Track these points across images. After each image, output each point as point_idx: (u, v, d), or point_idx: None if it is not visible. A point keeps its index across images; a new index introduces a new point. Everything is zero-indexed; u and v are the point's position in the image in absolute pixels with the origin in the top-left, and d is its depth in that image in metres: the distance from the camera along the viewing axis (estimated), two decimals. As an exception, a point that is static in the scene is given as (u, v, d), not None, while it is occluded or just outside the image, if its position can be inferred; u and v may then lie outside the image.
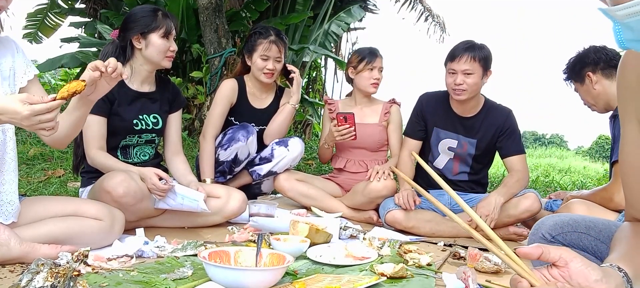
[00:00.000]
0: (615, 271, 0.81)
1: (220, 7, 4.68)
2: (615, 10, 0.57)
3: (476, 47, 2.44)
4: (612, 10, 0.58)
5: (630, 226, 0.96)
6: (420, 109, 2.69)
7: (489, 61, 2.47)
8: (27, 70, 1.63)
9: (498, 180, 5.42)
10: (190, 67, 5.18)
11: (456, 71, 2.43)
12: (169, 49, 2.16)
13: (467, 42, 2.47)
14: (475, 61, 2.41)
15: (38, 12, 7.04)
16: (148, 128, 2.23)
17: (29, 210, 1.67)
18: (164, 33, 2.13)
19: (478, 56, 2.41)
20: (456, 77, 2.43)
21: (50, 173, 3.38)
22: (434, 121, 2.64)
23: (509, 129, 2.55)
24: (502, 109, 2.60)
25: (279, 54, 2.69)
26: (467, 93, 2.45)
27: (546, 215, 1.44)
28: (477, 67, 2.42)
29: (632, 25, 0.57)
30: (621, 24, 0.58)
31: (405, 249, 1.84)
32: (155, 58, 2.15)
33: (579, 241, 1.18)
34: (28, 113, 1.32)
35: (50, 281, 1.16)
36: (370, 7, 7.17)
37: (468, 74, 2.41)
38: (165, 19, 2.15)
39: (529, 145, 24.67)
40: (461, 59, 2.42)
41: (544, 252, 0.78)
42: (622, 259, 0.85)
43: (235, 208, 2.27)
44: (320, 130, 5.68)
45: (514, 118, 2.59)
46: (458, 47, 2.47)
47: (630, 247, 0.89)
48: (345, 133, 2.66)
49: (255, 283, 1.31)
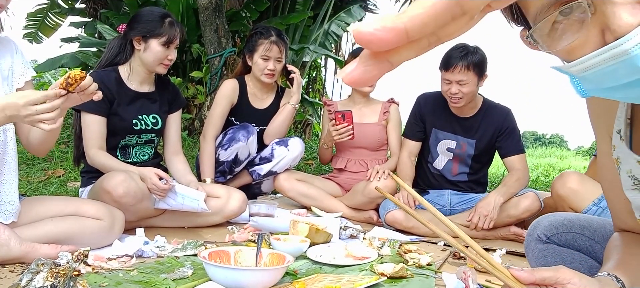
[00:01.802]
0: (612, 280, 0.82)
1: (220, 7, 4.68)
2: (569, 67, 0.58)
3: (469, 54, 2.41)
4: (567, 67, 0.59)
5: (620, 236, 0.97)
6: (419, 110, 2.69)
7: (483, 66, 2.44)
8: (25, 71, 1.64)
9: (498, 180, 5.42)
10: (190, 67, 5.18)
11: (451, 81, 2.42)
12: (166, 57, 2.14)
13: (461, 50, 2.43)
14: (469, 70, 2.39)
15: (38, 12, 7.04)
16: (147, 128, 2.22)
17: (29, 210, 1.67)
18: (165, 41, 2.12)
19: (472, 64, 2.38)
20: (451, 87, 2.42)
21: (50, 173, 3.38)
22: (433, 122, 2.63)
23: (508, 129, 2.54)
24: (501, 109, 2.60)
25: (279, 54, 2.69)
26: (464, 100, 2.45)
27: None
28: (471, 76, 2.40)
29: (590, 77, 0.57)
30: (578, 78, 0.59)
31: (405, 249, 1.84)
32: (151, 63, 2.15)
33: (574, 241, 1.19)
34: (24, 102, 1.31)
35: (50, 281, 1.16)
36: (370, 7, 7.16)
37: (463, 83, 2.40)
38: (171, 27, 2.13)
39: (529, 145, 24.66)
40: (455, 69, 2.40)
41: (537, 278, 0.78)
42: (618, 268, 0.85)
43: (235, 208, 2.28)
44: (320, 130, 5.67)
45: (513, 117, 2.59)
46: (452, 55, 2.43)
47: (623, 255, 0.90)
48: (343, 132, 2.66)
49: (255, 283, 1.31)
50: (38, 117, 1.33)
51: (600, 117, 0.90)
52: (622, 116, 0.83)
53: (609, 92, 0.58)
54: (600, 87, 0.58)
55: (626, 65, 0.52)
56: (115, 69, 2.19)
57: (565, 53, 0.59)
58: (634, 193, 0.84)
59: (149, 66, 2.16)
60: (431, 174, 2.69)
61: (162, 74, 2.23)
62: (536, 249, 1.24)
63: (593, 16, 0.55)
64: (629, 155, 0.82)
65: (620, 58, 0.52)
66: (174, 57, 2.19)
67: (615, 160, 0.86)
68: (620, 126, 0.84)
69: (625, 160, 0.83)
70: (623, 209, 0.90)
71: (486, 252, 0.82)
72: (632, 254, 0.89)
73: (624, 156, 0.84)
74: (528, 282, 0.78)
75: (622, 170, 0.85)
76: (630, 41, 0.51)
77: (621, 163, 0.85)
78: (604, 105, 0.88)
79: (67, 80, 1.35)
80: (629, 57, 0.52)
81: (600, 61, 0.54)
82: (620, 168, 0.85)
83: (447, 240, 0.90)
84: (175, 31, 2.14)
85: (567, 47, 0.58)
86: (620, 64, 0.53)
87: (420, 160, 2.74)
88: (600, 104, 0.90)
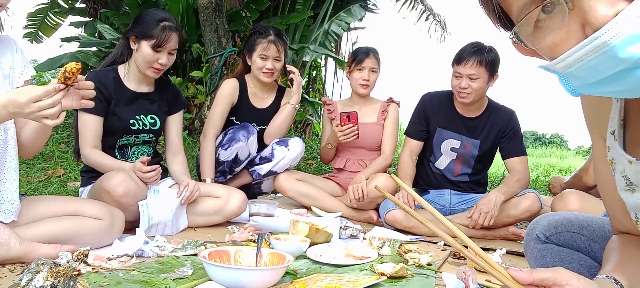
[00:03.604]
0: (611, 282, 0.82)
1: (220, 7, 4.68)
2: (554, 64, 0.59)
3: (483, 51, 2.43)
4: (552, 64, 0.59)
5: (618, 238, 0.97)
6: (423, 108, 2.68)
7: (495, 65, 2.46)
8: (25, 70, 1.65)
9: (498, 180, 5.42)
10: (190, 67, 5.18)
11: (462, 74, 2.43)
12: (156, 61, 2.12)
13: (475, 45, 2.46)
14: (481, 66, 2.40)
15: (38, 12, 7.04)
16: (145, 128, 2.23)
17: (29, 210, 1.67)
18: (155, 44, 2.09)
19: (485, 60, 2.40)
20: (461, 81, 2.43)
21: (50, 173, 3.38)
22: (437, 121, 2.63)
23: (512, 130, 2.55)
24: (506, 110, 2.60)
25: (277, 53, 2.69)
26: (472, 96, 2.45)
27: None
28: (483, 72, 2.41)
29: (575, 73, 0.58)
30: (565, 75, 0.60)
31: (405, 249, 1.84)
32: (141, 65, 2.14)
33: (572, 241, 1.19)
34: (26, 99, 1.32)
35: (51, 280, 1.16)
36: (371, 7, 7.15)
37: (473, 78, 2.41)
38: (163, 31, 2.09)
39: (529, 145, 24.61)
40: (467, 63, 2.41)
41: (535, 279, 0.78)
42: (616, 270, 0.85)
43: (235, 208, 2.28)
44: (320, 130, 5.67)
45: (517, 119, 2.59)
46: (465, 50, 2.45)
47: (622, 257, 0.90)
48: (349, 132, 2.66)
49: (255, 283, 1.31)
50: (41, 113, 1.34)
51: (595, 119, 0.91)
52: (615, 117, 0.84)
53: (596, 87, 0.58)
54: (586, 82, 0.58)
55: (607, 57, 0.53)
56: (115, 69, 2.19)
57: (549, 50, 0.60)
58: (627, 194, 0.84)
59: (140, 68, 2.16)
60: (432, 173, 2.68)
61: (153, 77, 2.20)
62: (535, 249, 1.24)
63: (572, 11, 0.56)
64: (622, 155, 0.82)
65: (601, 50, 0.53)
66: (166, 62, 2.14)
67: (610, 161, 0.86)
68: (614, 127, 0.84)
69: (619, 161, 0.84)
70: (619, 211, 0.90)
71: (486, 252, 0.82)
72: (630, 256, 0.89)
73: (617, 157, 0.84)
74: (526, 282, 0.78)
75: (617, 171, 0.85)
76: (607, 33, 0.52)
77: (615, 164, 0.85)
78: (598, 107, 0.88)
79: (64, 74, 1.36)
80: (609, 49, 0.52)
81: (582, 55, 0.55)
82: (615, 169, 0.85)
83: (447, 240, 0.90)
84: (167, 35, 2.10)
85: (550, 44, 0.59)
86: (602, 57, 0.53)
87: (421, 159, 2.74)
88: (594, 106, 0.90)
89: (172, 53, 2.17)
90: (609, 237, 1.01)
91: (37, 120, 1.36)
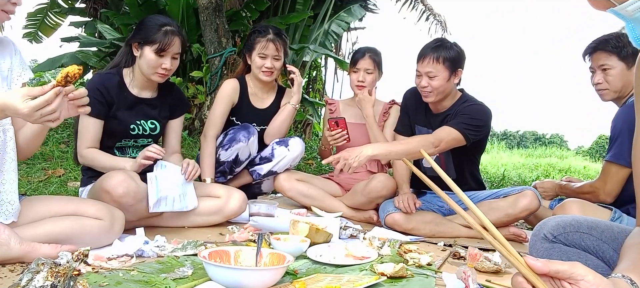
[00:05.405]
0: (627, 283, 0.80)
1: (220, 7, 4.68)
2: (624, 7, 0.58)
3: (442, 48, 2.35)
4: (621, 8, 0.58)
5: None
6: (405, 104, 2.66)
7: (457, 61, 2.37)
8: (23, 72, 1.65)
9: (498, 180, 5.43)
10: (190, 67, 5.18)
11: (421, 73, 2.38)
12: (160, 66, 2.12)
13: (436, 41, 2.40)
14: (438, 63, 2.33)
15: (38, 12, 7.04)
16: (145, 133, 2.24)
17: (29, 210, 1.67)
18: (158, 49, 2.09)
19: (443, 57, 2.33)
20: (421, 80, 2.38)
21: (50, 173, 3.38)
22: (415, 118, 2.60)
23: (460, 112, 2.38)
24: (475, 103, 2.44)
25: (276, 52, 2.69)
26: (433, 95, 2.38)
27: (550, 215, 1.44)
28: (441, 69, 2.33)
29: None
30: (632, 21, 0.59)
31: (405, 249, 1.84)
32: (145, 70, 2.14)
33: (581, 241, 1.18)
34: (28, 110, 1.33)
35: (51, 280, 1.16)
36: (371, 7, 7.15)
37: (432, 76, 2.35)
38: (165, 36, 2.10)
39: (529, 145, 24.63)
40: (424, 61, 2.36)
41: (551, 270, 0.76)
42: (632, 269, 0.83)
43: (235, 208, 2.28)
44: (320, 130, 5.67)
45: (479, 110, 2.39)
46: (425, 47, 2.40)
47: (639, 256, 0.87)
48: (338, 137, 2.66)
49: (255, 283, 1.31)
50: (43, 119, 1.35)
51: None
52: None
53: None
54: None
55: None
56: (119, 73, 2.20)
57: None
58: None
59: (144, 73, 2.16)
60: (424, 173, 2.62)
61: (159, 82, 2.21)
62: (542, 248, 1.23)
63: None
64: None
65: None
66: (170, 67, 2.15)
67: None
68: None
69: None
70: None
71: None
72: None
73: None
74: (542, 271, 0.77)
75: None
76: None
77: None
78: None
79: (65, 77, 1.36)
80: None
81: None
82: None
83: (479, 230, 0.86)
84: (170, 40, 2.10)
85: None
86: None
87: (415, 161, 2.71)
88: None
89: (175, 57, 2.16)
90: (619, 239, 0.98)
91: (38, 124, 1.37)
